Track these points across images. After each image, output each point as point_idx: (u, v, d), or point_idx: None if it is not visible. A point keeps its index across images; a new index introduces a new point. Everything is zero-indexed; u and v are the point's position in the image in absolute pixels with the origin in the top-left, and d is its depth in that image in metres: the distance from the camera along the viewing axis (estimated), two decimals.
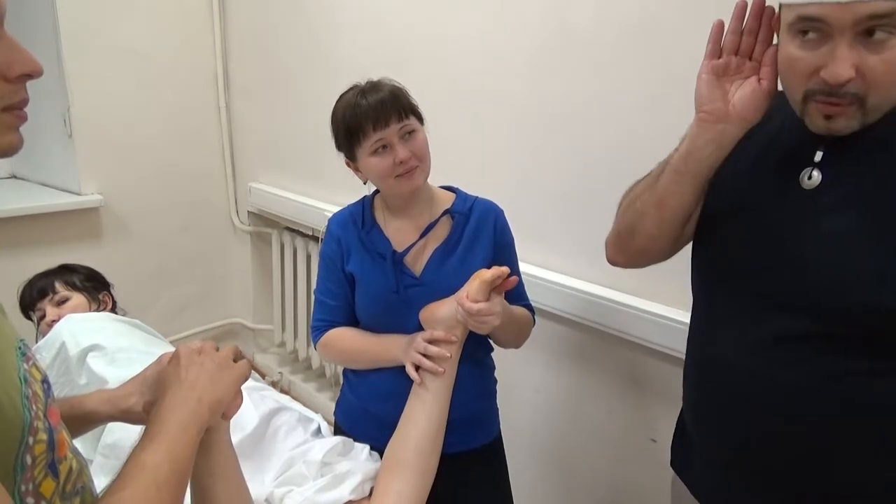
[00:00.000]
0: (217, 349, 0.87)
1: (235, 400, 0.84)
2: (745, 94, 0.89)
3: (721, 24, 0.91)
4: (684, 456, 1.11)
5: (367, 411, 1.35)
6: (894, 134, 0.82)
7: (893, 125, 0.81)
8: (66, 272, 1.92)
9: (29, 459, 0.63)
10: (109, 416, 0.92)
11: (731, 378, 0.92)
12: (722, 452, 0.97)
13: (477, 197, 1.35)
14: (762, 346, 0.88)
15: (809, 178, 0.86)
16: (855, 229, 0.81)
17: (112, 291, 2.00)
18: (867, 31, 0.74)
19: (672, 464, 1.15)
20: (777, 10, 0.85)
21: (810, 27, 0.77)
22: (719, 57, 0.91)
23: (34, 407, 0.65)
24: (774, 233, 0.88)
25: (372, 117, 1.17)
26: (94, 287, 1.94)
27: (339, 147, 1.27)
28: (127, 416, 0.91)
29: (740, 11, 0.89)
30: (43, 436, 0.65)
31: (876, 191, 0.81)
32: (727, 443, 0.96)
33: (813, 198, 0.85)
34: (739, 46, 0.90)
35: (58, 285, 1.86)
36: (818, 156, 0.85)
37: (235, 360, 0.87)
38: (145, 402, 0.85)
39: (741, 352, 0.90)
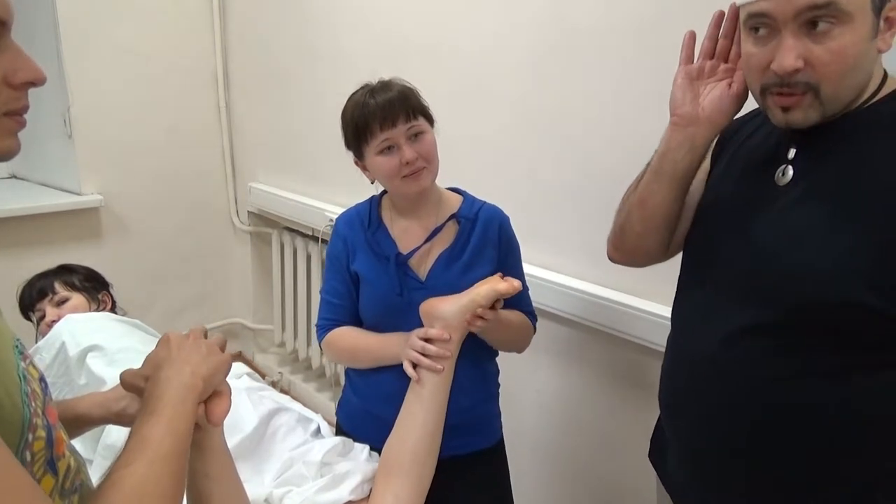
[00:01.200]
0: (205, 336, 0.88)
1: (223, 403, 0.84)
2: (713, 98, 0.93)
3: (693, 35, 0.97)
4: (659, 449, 1.12)
5: (369, 413, 1.34)
6: (858, 127, 0.84)
7: (857, 119, 0.84)
8: (65, 272, 1.92)
9: (28, 456, 0.63)
10: (102, 418, 0.92)
11: (698, 371, 0.94)
12: (688, 446, 0.99)
13: (484, 202, 1.34)
14: (729, 340, 0.90)
15: (783, 174, 0.88)
16: (819, 222, 0.83)
17: (111, 291, 2.00)
18: (811, 21, 0.77)
19: (649, 455, 1.17)
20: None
21: (760, 23, 0.81)
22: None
23: (33, 404, 0.66)
24: (746, 228, 0.90)
25: (379, 117, 1.17)
26: (94, 287, 1.94)
27: (348, 146, 1.27)
28: (119, 419, 0.92)
29: (718, 19, 0.94)
30: (42, 433, 0.66)
31: (840, 184, 0.83)
32: (693, 437, 0.97)
33: (784, 193, 0.88)
34: (714, 51, 0.95)
35: (57, 286, 1.86)
36: (791, 153, 0.88)
37: (221, 350, 0.89)
38: (138, 374, 0.85)
39: (709, 345, 0.92)
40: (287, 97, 2.53)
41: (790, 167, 0.88)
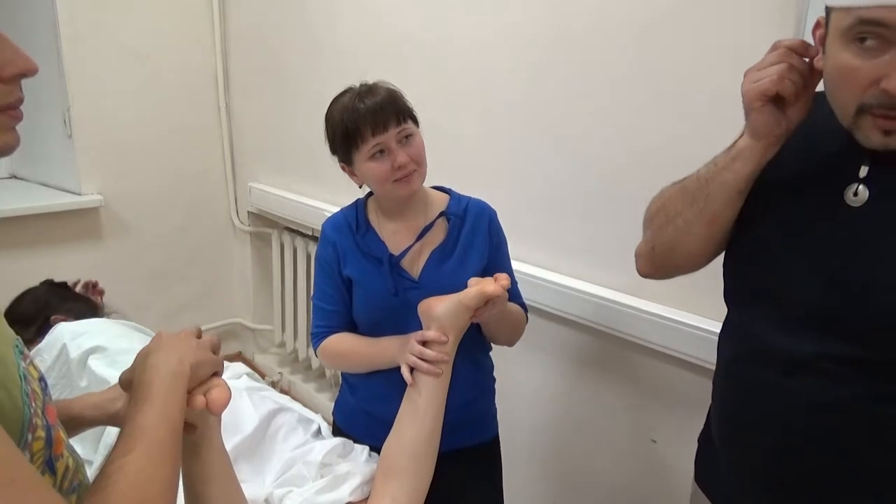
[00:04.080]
0: (199, 336, 0.88)
1: (222, 392, 0.83)
2: (801, 109, 0.85)
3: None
4: (711, 472, 1.06)
5: (367, 412, 1.35)
6: None
7: None
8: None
9: (27, 456, 0.63)
10: (97, 420, 0.92)
11: (768, 396, 0.89)
12: (755, 473, 0.94)
13: (470, 198, 1.34)
14: (805, 366, 0.84)
15: (855, 194, 0.81)
16: None
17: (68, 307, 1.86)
18: None
19: (696, 478, 1.11)
20: (824, 14, 0.79)
21: (871, 32, 0.71)
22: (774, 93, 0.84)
23: (33, 404, 0.66)
24: (822, 252, 0.84)
25: (371, 121, 1.16)
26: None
27: (335, 151, 1.26)
28: (114, 421, 0.91)
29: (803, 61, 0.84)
30: (41, 433, 0.66)
31: None
32: (760, 463, 0.93)
33: (861, 216, 0.81)
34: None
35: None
36: (863, 171, 0.81)
37: (214, 352, 0.89)
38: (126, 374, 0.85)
39: (782, 370, 0.87)
40: (287, 97, 2.53)
41: (862, 186, 0.81)
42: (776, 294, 0.89)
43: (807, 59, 0.84)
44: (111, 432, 1.34)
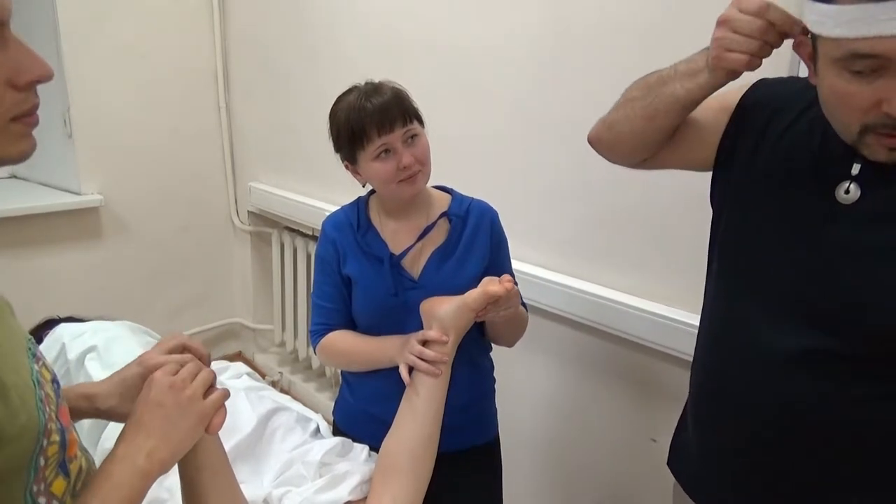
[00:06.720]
0: (195, 377, 0.80)
1: (219, 414, 0.81)
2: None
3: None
4: (682, 457, 1.10)
5: (367, 413, 1.34)
6: None
7: None
8: None
9: (42, 461, 0.64)
10: (88, 413, 0.88)
11: (747, 387, 0.90)
12: (724, 460, 0.96)
13: (472, 198, 1.34)
14: (784, 359, 0.86)
15: (847, 192, 0.83)
16: (894, 247, 0.78)
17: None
18: None
19: (668, 463, 1.14)
20: (809, 38, 0.80)
21: (864, 62, 0.72)
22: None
23: (47, 409, 0.66)
24: (811, 247, 0.85)
25: (377, 121, 1.16)
26: None
27: (339, 149, 1.26)
28: (108, 416, 0.88)
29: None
30: (56, 437, 0.66)
31: None
32: (730, 451, 0.94)
33: (850, 213, 0.82)
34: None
35: None
36: (855, 169, 0.82)
37: (209, 389, 0.82)
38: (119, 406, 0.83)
39: (760, 361, 0.88)
40: (287, 97, 2.53)
41: (854, 184, 0.82)
42: (761, 287, 0.90)
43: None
44: (109, 437, 1.34)
